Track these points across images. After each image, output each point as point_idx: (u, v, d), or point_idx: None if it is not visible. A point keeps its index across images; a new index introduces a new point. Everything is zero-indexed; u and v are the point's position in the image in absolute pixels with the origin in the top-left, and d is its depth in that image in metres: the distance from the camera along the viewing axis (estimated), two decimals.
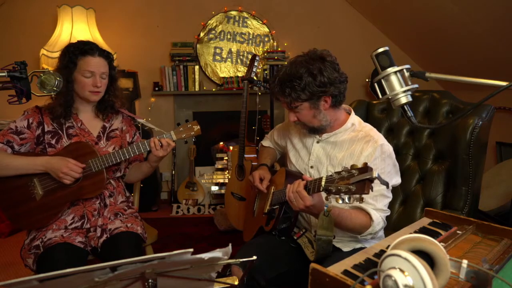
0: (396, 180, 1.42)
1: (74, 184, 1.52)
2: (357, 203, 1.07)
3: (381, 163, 1.36)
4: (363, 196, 1.01)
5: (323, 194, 1.15)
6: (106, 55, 1.61)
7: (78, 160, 1.50)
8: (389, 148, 1.39)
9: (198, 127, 1.62)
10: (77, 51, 1.54)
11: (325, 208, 1.17)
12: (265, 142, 1.91)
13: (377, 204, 1.34)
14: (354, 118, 1.50)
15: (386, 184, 1.03)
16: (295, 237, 1.54)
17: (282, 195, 1.45)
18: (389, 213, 1.40)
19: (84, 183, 1.53)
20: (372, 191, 1.01)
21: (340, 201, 1.04)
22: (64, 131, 1.60)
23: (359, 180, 0.99)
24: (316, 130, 1.46)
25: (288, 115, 1.45)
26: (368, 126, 1.48)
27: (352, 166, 1.04)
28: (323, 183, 1.11)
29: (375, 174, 0.97)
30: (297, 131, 1.63)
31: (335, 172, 1.08)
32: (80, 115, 1.65)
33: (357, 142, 1.42)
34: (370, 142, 1.38)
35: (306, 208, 1.20)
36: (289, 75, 1.35)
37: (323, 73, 1.33)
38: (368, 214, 1.32)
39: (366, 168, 0.99)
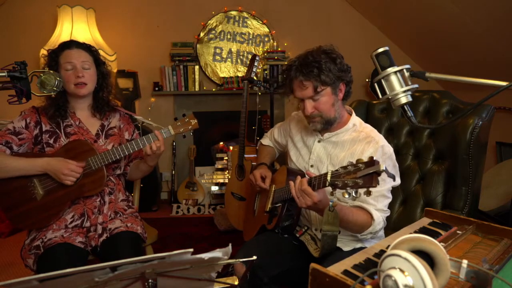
0: (396, 180, 1.42)
1: (74, 182, 1.52)
2: (363, 197, 1.06)
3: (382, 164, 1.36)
4: (371, 189, 1.02)
5: (328, 190, 1.15)
6: (86, 47, 1.62)
7: (77, 158, 1.50)
8: (389, 149, 1.40)
9: (196, 120, 1.63)
10: (56, 49, 1.58)
11: (331, 203, 1.17)
12: (265, 141, 1.91)
13: (378, 205, 1.35)
14: (355, 119, 1.51)
15: (392, 177, 1.05)
16: (297, 235, 1.54)
17: (284, 193, 1.45)
18: (389, 214, 1.40)
19: (85, 181, 1.53)
20: (378, 184, 1.02)
21: (347, 196, 1.04)
22: (62, 130, 1.60)
23: (366, 173, 1.00)
24: (330, 123, 1.45)
25: (304, 107, 1.41)
26: (369, 127, 1.49)
27: (358, 161, 1.04)
28: (328, 178, 1.11)
29: (382, 167, 0.98)
30: (299, 130, 1.64)
31: (341, 167, 1.09)
32: (78, 113, 1.65)
33: (358, 143, 1.42)
34: (372, 143, 1.39)
35: (313, 205, 1.20)
36: (313, 59, 1.36)
37: (340, 59, 1.39)
38: (369, 213, 1.33)
39: (372, 162, 1.00)
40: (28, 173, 1.50)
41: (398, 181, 1.44)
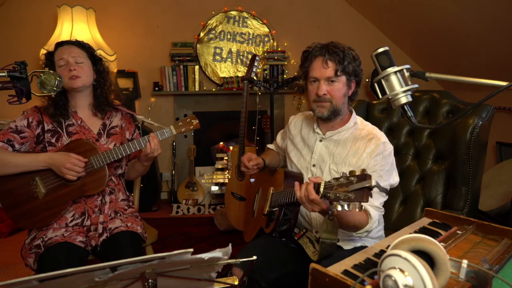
0: (393, 179, 1.43)
1: (76, 181, 1.53)
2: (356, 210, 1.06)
3: (382, 160, 1.37)
4: (363, 204, 1.00)
5: None
6: (78, 44, 1.64)
7: None
8: (390, 146, 1.42)
9: (197, 121, 1.65)
10: (51, 51, 1.61)
11: (330, 212, 1.16)
12: (271, 146, 1.92)
13: (374, 202, 1.35)
14: (356, 117, 1.52)
15: (385, 191, 1.03)
16: (295, 238, 1.54)
17: (282, 198, 1.44)
18: (383, 212, 1.41)
19: (86, 180, 1.54)
20: (371, 197, 1.00)
21: (339, 207, 1.02)
22: (64, 129, 1.60)
23: (357, 188, 0.98)
24: (336, 113, 1.45)
25: (319, 87, 1.42)
26: (370, 125, 1.51)
27: (351, 173, 1.03)
28: (321, 189, 1.10)
29: (373, 183, 0.96)
30: (298, 131, 1.64)
31: (334, 178, 1.08)
32: (79, 112, 1.66)
33: (360, 140, 1.43)
34: (373, 139, 1.40)
35: (321, 210, 1.18)
36: (339, 45, 1.41)
37: (359, 59, 1.45)
38: (366, 212, 1.33)
39: (364, 176, 0.98)
40: (30, 169, 1.50)
41: (396, 180, 1.44)
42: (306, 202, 1.17)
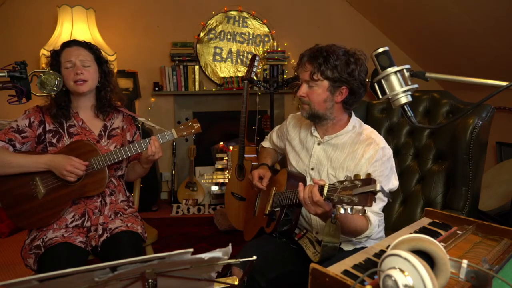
0: (392, 183, 1.42)
1: (76, 182, 1.53)
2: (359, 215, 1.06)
3: (381, 166, 1.36)
4: (366, 208, 1.00)
5: None
6: (86, 45, 1.62)
7: (79, 158, 1.50)
8: (389, 151, 1.40)
9: (198, 125, 1.65)
10: (58, 49, 1.59)
11: (332, 215, 1.15)
12: (265, 143, 1.91)
13: (374, 207, 1.33)
14: (355, 120, 1.50)
15: (389, 196, 1.03)
16: (296, 238, 1.53)
17: (284, 198, 1.44)
18: (382, 217, 1.41)
19: (86, 181, 1.54)
20: (375, 202, 1.00)
21: (342, 211, 1.02)
22: (65, 130, 1.60)
23: (362, 192, 0.98)
24: (317, 117, 1.44)
25: (299, 89, 1.43)
26: (369, 129, 1.49)
27: (356, 176, 1.02)
28: (325, 191, 1.09)
29: (378, 188, 0.95)
30: (297, 133, 1.63)
31: (338, 181, 1.07)
32: (81, 114, 1.66)
33: (358, 145, 1.42)
34: (372, 144, 1.38)
35: (323, 213, 1.17)
36: (328, 50, 1.36)
37: (357, 67, 1.36)
38: (366, 217, 1.32)
39: (369, 180, 0.98)
40: (31, 170, 1.50)
41: (396, 184, 1.43)
42: (309, 204, 1.17)
